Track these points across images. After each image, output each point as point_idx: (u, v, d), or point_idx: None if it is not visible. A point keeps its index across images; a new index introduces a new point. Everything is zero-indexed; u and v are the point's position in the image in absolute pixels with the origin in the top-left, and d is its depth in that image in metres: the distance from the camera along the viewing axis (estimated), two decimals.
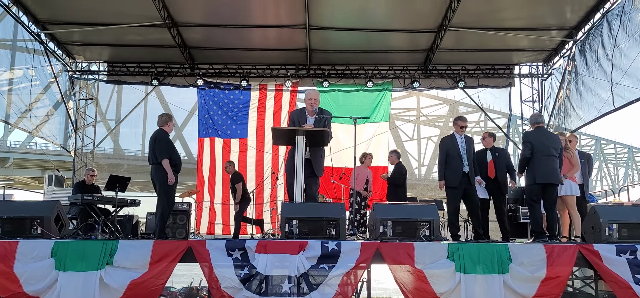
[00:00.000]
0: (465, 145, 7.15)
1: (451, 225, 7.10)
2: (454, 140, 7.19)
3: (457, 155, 7.07)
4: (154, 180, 6.74)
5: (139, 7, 9.76)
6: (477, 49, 11.90)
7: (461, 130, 7.26)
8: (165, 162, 6.61)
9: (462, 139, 7.23)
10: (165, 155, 6.64)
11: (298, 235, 5.30)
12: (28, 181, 32.04)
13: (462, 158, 7.05)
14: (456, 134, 7.24)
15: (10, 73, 10.55)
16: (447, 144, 7.22)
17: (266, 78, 12.75)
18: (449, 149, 7.17)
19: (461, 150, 7.09)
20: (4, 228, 5.51)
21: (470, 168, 7.07)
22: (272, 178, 12.18)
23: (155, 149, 6.66)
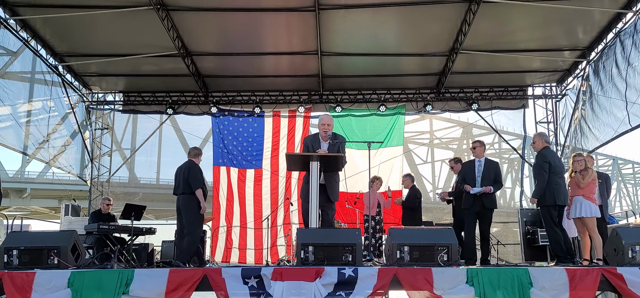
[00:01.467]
0: (483, 168, 7.19)
1: (468, 250, 7.04)
2: (471, 164, 7.41)
3: (471, 178, 7.29)
4: (182, 209, 6.98)
5: (155, 38, 9.94)
6: (490, 71, 11.87)
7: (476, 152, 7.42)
8: (199, 191, 6.95)
9: (481, 162, 7.35)
10: (200, 185, 7.00)
11: (314, 262, 5.24)
12: (45, 211, 32.40)
13: (475, 181, 7.22)
14: (475, 158, 7.43)
15: (29, 105, 10.75)
16: (465, 168, 7.56)
17: (279, 104, 12.82)
18: (465, 172, 7.46)
19: (476, 173, 7.25)
20: (22, 259, 5.54)
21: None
22: (285, 204, 12.16)
23: (189, 179, 6.98)
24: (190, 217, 6.96)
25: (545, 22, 9.85)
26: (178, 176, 7.19)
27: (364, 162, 10.12)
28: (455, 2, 9.12)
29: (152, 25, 9.35)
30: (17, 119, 10.27)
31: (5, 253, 5.49)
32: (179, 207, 7.08)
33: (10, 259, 5.47)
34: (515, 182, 33.53)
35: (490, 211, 7.29)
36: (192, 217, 6.95)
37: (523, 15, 9.56)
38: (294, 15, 9.50)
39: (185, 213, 6.98)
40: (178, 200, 7.11)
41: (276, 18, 9.65)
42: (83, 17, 9.07)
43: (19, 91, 10.61)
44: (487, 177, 7.23)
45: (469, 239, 7.23)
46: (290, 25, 9.94)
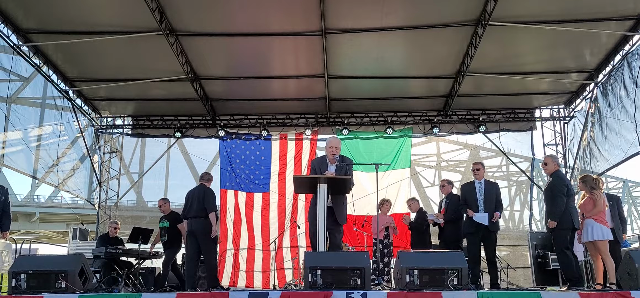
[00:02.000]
0: (484, 190, 7.18)
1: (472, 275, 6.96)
2: (472, 187, 7.35)
3: (473, 200, 7.23)
4: (198, 233, 7.12)
5: (164, 63, 10.05)
6: (497, 94, 11.87)
7: (477, 174, 7.35)
8: (213, 215, 7.17)
9: (481, 184, 7.33)
10: (214, 209, 7.23)
11: (322, 286, 5.20)
12: (53, 235, 32.48)
13: (477, 204, 7.17)
14: (475, 180, 7.32)
15: (40, 129, 10.87)
16: (465, 190, 7.44)
17: (286, 127, 12.87)
18: (466, 196, 7.37)
19: (477, 196, 7.21)
20: (30, 283, 5.54)
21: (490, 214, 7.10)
22: (293, 227, 12.12)
23: (204, 202, 7.17)
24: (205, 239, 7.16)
25: (552, 45, 9.87)
26: (191, 199, 7.34)
27: (371, 184, 10.12)
28: (461, 25, 9.17)
29: (161, 50, 9.47)
30: (27, 143, 10.38)
31: (13, 277, 5.50)
32: (193, 230, 7.18)
33: (18, 283, 5.48)
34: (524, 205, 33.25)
35: (494, 233, 7.23)
36: (208, 239, 7.18)
37: (529, 38, 9.59)
38: (301, 40, 9.60)
39: (203, 236, 7.14)
40: (191, 223, 7.22)
41: (283, 42, 9.75)
42: (93, 43, 9.21)
43: (30, 116, 10.75)
44: (489, 199, 7.20)
45: (473, 264, 7.12)
46: (297, 49, 10.03)
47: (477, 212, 7.18)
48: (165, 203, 9.02)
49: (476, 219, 7.15)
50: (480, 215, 7.15)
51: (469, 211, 7.24)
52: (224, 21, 9.06)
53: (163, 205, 8.99)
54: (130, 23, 8.89)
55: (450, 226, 8.09)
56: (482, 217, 7.14)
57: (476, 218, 7.15)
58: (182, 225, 8.27)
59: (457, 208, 7.97)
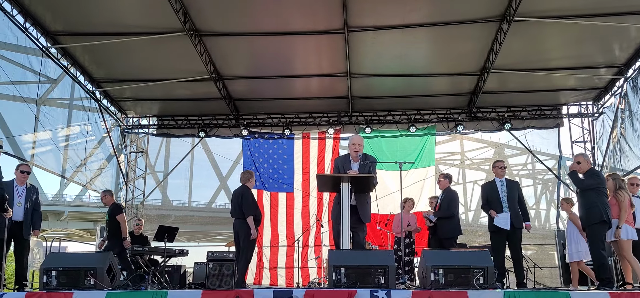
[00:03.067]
0: (506, 188, 7.07)
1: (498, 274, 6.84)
2: (494, 185, 7.20)
3: (496, 200, 7.08)
4: (238, 232, 7.58)
5: (188, 63, 10.16)
6: (523, 90, 11.68)
7: (500, 172, 7.22)
8: (250, 219, 7.45)
9: (503, 182, 7.19)
10: (251, 212, 7.51)
11: (346, 284, 5.19)
12: (81, 233, 33.21)
13: (500, 202, 7.03)
14: (496, 179, 7.23)
15: (68, 129, 11.11)
16: (487, 189, 7.30)
17: (309, 126, 12.88)
18: (488, 195, 7.22)
19: (500, 194, 7.06)
20: (60, 279, 5.67)
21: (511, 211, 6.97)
22: (316, 226, 12.14)
23: (242, 205, 7.49)
24: (245, 242, 7.53)
25: (579, 40, 9.67)
26: (234, 200, 7.73)
27: (395, 183, 10.06)
28: (485, 21, 9.05)
29: (185, 50, 9.58)
30: (56, 143, 10.63)
31: (44, 274, 5.63)
32: (236, 230, 7.66)
33: (49, 280, 5.61)
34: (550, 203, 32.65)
35: (519, 230, 7.07)
36: (247, 242, 7.48)
37: (556, 33, 9.41)
38: (323, 38, 9.58)
39: (242, 237, 7.55)
40: (234, 223, 7.69)
41: (306, 41, 9.76)
42: (119, 44, 9.36)
43: (58, 117, 10.99)
44: (512, 198, 7.06)
45: (498, 263, 6.96)
46: (319, 47, 10.03)
47: (500, 212, 7.03)
48: (106, 196, 8.78)
49: (497, 223, 6.99)
50: (502, 219, 6.97)
51: (492, 212, 7.08)
52: (246, 21, 9.11)
53: (104, 198, 8.79)
54: (154, 24, 9.01)
55: (445, 222, 7.98)
56: (505, 221, 6.96)
57: (498, 223, 6.99)
58: (120, 216, 8.25)
59: (451, 204, 7.99)
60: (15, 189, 7.15)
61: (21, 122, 9.72)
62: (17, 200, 7.13)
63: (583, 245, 7.82)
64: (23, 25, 8.71)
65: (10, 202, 6.87)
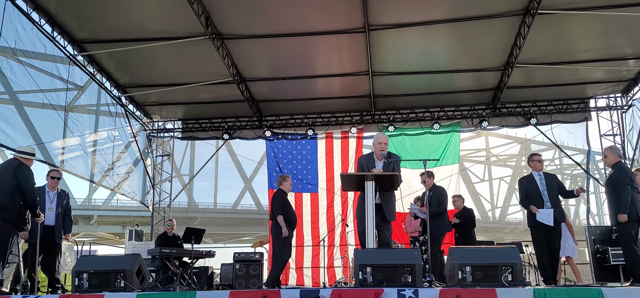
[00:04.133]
0: (545, 182, 6.88)
1: (542, 268, 6.72)
2: (532, 179, 6.99)
3: (536, 194, 6.87)
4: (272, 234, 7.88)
5: (210, 66, 10.28)
6: (548, 84, 11.47)
7: (538, 166, 7.02)
8: (280, 218, 7.62)
9: (541, 175, 6.99)
10: (279, 211, 7.67)
11: (373, 283, 5.17)
12: (110, 237, 33.87)
13: (542, 197, 6.82)
14: (534, 172, 7.02)
15: (95, 135, 11.36)
16: (525, 184, 7.05)
17: (332, 126, 12.89)
18: (527, 189, 6.99)
19: (540, 188, 6.87)
20: (91, 281, 5.78)
21: (554, 205, 6.78)
22: (341, 225, 12.13)
23: (272, 206, 7.84)
24: (275, 240, 7.77)
25: (606, 31, 9.45)
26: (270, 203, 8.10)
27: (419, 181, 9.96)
28: (508, 15, 8.91)
29: (208, 54, 9.69)
30: (84, 148, 10.87)
31: (76, 277, 5.76)
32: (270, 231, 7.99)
33: (81, 282, 5.73)
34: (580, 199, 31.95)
35: (559, 225, 6.90)
36: (278, 240, 7.70)
37: (582, 24, 9.22)
38: (344, 37, 9.58)
39: (274, 238, 7.79)
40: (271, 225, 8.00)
41: (327, 41, 9.76)
42: (143, 50, 9.52)
43: (85, 122, 11.24)
44: (552, 191, 6.86)
45: (542, 258, 6.81)
46: (340, 47, 10.02)
47: (541, 207, 6.82)
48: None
49: (540, 219, 6.76)
50: (544, 215, 6.75)
51: (533, 207, 6.86)
52: (267, 23, 9.16)
53: None
54: (177, 29, 9.14)
55: (436, 219, 7.86)
56: (547, 217, 6.74)
57: (540, 219, 6.75)
58: None
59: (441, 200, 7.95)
60: (46, 194, 7.35)
61: (51, 129, 9.97)
62: (49, 205, 7.32)
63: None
64: (51, 34, 8.94)
65: (42, 207, 7.06)
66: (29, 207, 6.25)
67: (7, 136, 8.40)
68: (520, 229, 25.10)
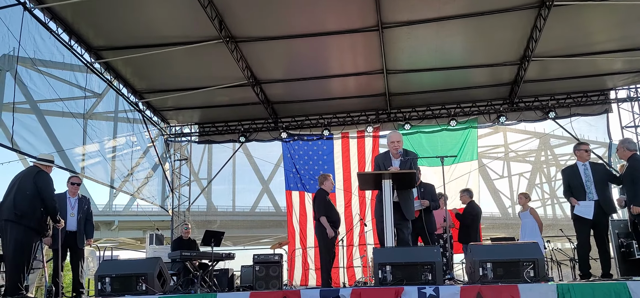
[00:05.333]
0: (590, 172, 6.68)
1: (581, 264, 6.56)
2: (575, 170, 6.78)
3: (578, 185, 6.67)
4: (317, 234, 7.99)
5: (225, 70, 10.34)
6: (566, 77, 11.28)
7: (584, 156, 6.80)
8: (323, 219, 7.71)
9: (586, 166, 6.76)
10: (322, 213, 7.76)
11: (392, 282, 5.15)
12: (131, 242, 34.28)
13: (584, 187, 6.62)
14: (578, 163, 6.82)
15: (114, 141, 11.52)
16: (568, 174, 6.87)
17: (347, 125, 12.86)
18: (569, 180, 6.81)
19: (583, 179, 6.66)
20: (113, 286, 5.87)
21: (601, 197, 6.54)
22: (360, 225, 12.10)
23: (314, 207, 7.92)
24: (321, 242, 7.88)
25: (624, 21, 9.27)
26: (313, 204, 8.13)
27: (438, 179, 9.89)
28: (523, 8, 8.80)
29: (222, 57, 9.75)
30: (104, 155, 11.03)
31: (99, 281, 5.84)
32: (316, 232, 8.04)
33: (104, 286, 5.82)
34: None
35: (606, 217, 6.63)
36: (324, 242, 7.79)
37: (599, 15, 9.06)
38: (358, 36, 9.55)
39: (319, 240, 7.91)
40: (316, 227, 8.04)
41: (340, 41, 9.74)
42: (159, 56, 9.60)
43: (104, 129, 11.41)
44: (600, 182, 6.59)
45: (582, 252, 6.64)
46: (354, 46, 10.01)
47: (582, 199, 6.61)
48: None
49: (578, 212, 6.58)
50: (584, 208, 6.56)
51: (572, 200, 6.67)
52: (280, 24, 9.18)
53: None
54: (191, 33, 9.20)
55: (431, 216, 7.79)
56: (587, 210, 6.54)
57: (578, 212, 6.57)
58: None
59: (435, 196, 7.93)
60: (67, 201, 7.47)
61: (71, 136, 10.14)
62: (70, 211, 7.44)
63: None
64: (68, 43, 9.07)
65: (63, 213, 7.18)
66: (49, 213, 6.36)
67: (29, 144, 8.57)
68: None
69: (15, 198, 6.15)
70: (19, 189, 6.21)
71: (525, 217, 9.31)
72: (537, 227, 9.04)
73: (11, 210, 6.09)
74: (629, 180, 6.41)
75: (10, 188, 6.27)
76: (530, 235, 8.75)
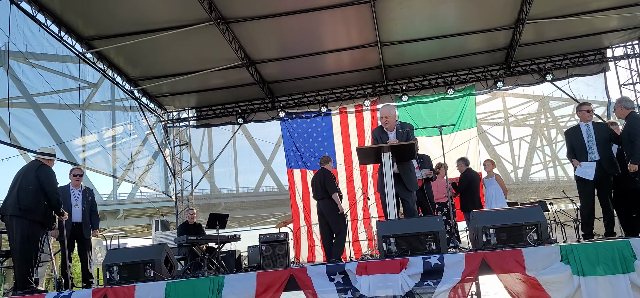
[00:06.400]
0: (593, 132, 6.62)
1: (584, 225, 6.56)
2: (577, 131, 6.74)
3: (581, 146, 6.62)
4: (325, 212, 8.03)
5: (219, 52, 10.27)
6: (562, 38, 11.23)
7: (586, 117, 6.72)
8: (335, 195, 7.89)
9: (589, 126, 6.70)
10: (335, 189, 7.94)
11: (397, 253, 5.20)
12: (138, 229, 34.52)
13: (586, 148, 6.57)
14: (581, 123, 6.76)
15: (113, 131, 11.49)
16: (570, 136, 6.83)
17: (345, 101, 12.84)
18: (572, 141, 6.77)
19: (585, 139, 6.61)
20: (121, 274, 5.92)
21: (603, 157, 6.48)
22: (363, 199, 12.16)
23: (325, 185, 7.96)
24: (333, 217, 7.92)
25: None
26: (315, 183, 8.18)
27: (438, 148, 9.90)
28: None
29: (214, 39, 9.68)
30: (103, 145, 11.01)
31: (107, 270, 5.89)
32: (321, 210, 8.10)
33: (112, 275, 5.87)
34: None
35: (610, 177, 6.55)
36: (335, 217, 7.90)
37: None
38: (349, 10, 9.45)
39: (329, 215, 7.95)
40: (319, 204, 8.17)
41: (332, 15, 9.64)
42: (151, 42, 9.50)
43: (101, 119, 11.37)
44: (603, 143, 6.53)
45: (586, 213, 6.62)
46: (347, 20, 9.92)
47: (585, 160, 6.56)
48: None
49: (579, 174, 6.53)
50: (585, 169, 6.50)
51: (574, 161, 6.64)
52: (270, 2, 9.08)
53: None
54: (182, 17, 9.11)
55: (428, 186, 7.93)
56: (588, 171, 6.49)
57: (579, 173, 6.52)
58: None
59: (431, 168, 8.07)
60: (71, 192, 7.49)
61: (69, 129, 10.11)
62: (74, 202, 7.46)
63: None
64: (58, 34, 8.97)
65: (68, 205, 7.21)
66: (52, 206, 6.38)
67: (27, 139, 8.55)
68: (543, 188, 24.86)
69: (19, 193, 6.17)
70: (21, 184, 6.23)
71: (490, 183, 9.27)
72: (502, 193, 9.06)
73: (15, 205, 6.12)
74: (627, 138, 6.39)
75: (14, 183, 6.28)
76: (496, 201, 8.80)
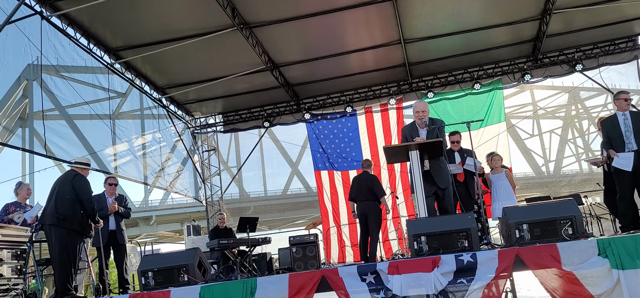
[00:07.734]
0: (630, 121, 6.40)
1: (621, 216, 6.37)
2: (614, 120, 6.53)
3: (618, 136, 6.41)
4: (367, 214, 8.28)
5: (243, 57, 10.37)
6: (591, 27, 10.95)
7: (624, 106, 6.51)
8: (384, 199, 8.15)
9: (626, 115, 6.48)
10: (383, 193, 8.24)
11: (428, 252, 5.16)
12: (170, 235, 35.07)
13: (623, 138, 6.36)
14: (618, 112, 6.55)
15: (142, 138, 11.73)
16: (606, 126, 6.62)
17: (370, 100, 12.79)
18: (608, 131, 6.56)
19: (622, 129, 6.40)
20: (157, 279, 6.02)
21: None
22: (392, 198, 12.10)
23: (373, 188, 8.26)
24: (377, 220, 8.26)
25: None
26: (360, 184, 8.44)
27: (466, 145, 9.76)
28: None
29: (238, 45, 9.77)
30: (134, 153, 11.25)
31: (142, 276, 6.01)
32: (364, 211, 8.31)
33: (147, 280, 5.98)
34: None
35: None
36: (379, 220, 8.25)
37: None
38: (371, 8, 9.41)
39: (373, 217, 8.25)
40: (361, 205, 8.37)
41: (354, 15, 9.60)
42: (176, 50, 9.63)
43: (131, 128, 11.64)
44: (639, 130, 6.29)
45: (624, 206, 6.39)
46: (369, 19, 9.87)
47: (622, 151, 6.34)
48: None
49: (617, 164, 6.31)
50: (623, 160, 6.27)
51: (611, 152, 6.42)
52: (292, 5, 9.10)
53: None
54: (205, 24, 9.22)
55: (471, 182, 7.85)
56: (626, 162, 6.26)
57: (617, 164, 6.30)
58: None
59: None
60: (107, 201, 7.69)
61: (100, 138, 10.38)
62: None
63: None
64: (87, 47, 9.21)
65: (104, 213, 7.40)
66: (88, 215, 6.54)
67: (62, 150, 8.81)
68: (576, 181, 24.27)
69: (56, 203, 6.34)
70: (58, 194, 6.41)
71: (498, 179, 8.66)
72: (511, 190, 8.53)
73: (53, 214, 6.30)
74: None
75: (51, 193, 6.47)
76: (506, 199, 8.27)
